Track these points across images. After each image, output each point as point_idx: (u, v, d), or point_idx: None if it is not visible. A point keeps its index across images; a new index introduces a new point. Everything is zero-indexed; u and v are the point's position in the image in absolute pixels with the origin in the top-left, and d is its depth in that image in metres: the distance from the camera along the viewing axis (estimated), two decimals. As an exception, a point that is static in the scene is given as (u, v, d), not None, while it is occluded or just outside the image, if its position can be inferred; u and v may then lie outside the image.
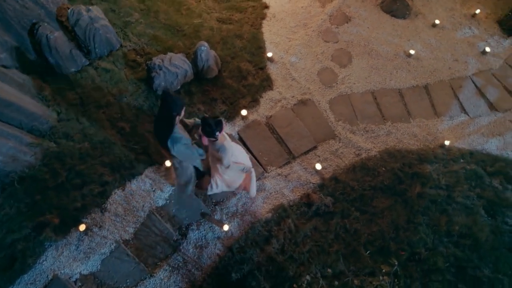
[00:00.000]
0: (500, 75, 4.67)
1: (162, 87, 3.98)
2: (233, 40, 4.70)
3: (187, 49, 4.49)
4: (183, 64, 4.07)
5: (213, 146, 2.74)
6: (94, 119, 3.83)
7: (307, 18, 5.04)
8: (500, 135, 4.22)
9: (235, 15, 4.95)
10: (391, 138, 4.13)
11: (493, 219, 3.62)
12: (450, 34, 4.96)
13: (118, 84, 4.08)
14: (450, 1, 5.25)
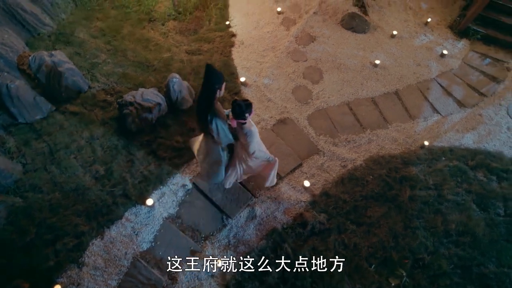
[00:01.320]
0: (460, 74, 4.95)
1: (136, 123, 3.83)
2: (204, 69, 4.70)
3: (159, 83, 4.43)
4: (155, 98, 3.98)
5: (242, 130, 2.77)
6: (65, 166, 3.58)
7: (274, 41, 5.20)
8: (473, 129, 4.37)
9: (204, 46, 5.02)
10: (373, 145, 4.15)
11: (485, 212, 3.62)
12: (408, 42, 5.27)
13: (89, 126, 3.89)
14: (403, 13, 5.64)
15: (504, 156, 4.10)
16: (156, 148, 3.85)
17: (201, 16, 5.38)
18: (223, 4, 5.58)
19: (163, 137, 3.95)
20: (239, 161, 3.19)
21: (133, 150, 3.80)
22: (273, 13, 5.56)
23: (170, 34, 5.11)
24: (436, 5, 5.80)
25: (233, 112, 2.66)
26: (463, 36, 5.33)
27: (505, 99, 4.66)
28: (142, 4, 5.38)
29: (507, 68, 5.01)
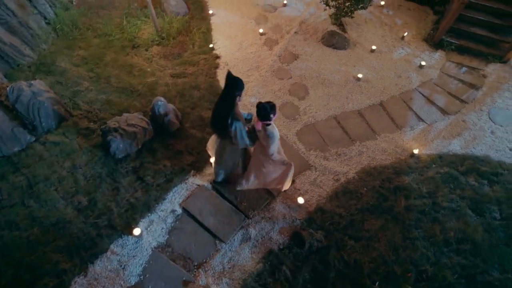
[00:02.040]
0: (440, 83, 5.11)
1: (120, 149, 3.70)
2: (190, 91, 4.69)
3: (144, 108, 4.36)
4: (140, 123, 3.89)
5: (265, 132, 2.84)
6: (44, 199, 3.37)
7: (258, 61, 5.28)
8: (459, 135, 4.43)
9: (189, 68, 5.04)
10: (364, 157, 4.13)
11: (482, 217, 3.58)
12: (388, 56, 5.45)
13: (71, 156, 3.73)
14: (379, 29, 5.89)
15: (491, 159, 4.14)
16: (143, 174, 3.70)
17: (185, 41, 5.45)
18: (206, 28, 5.69)
19: (150, 162, 3.82)
20: (255, 166, 3.29)
21: (119, 177, 3.64)
22: (255, 35, 5.70)
23: (154, 59, 5.12)
24: (410, 20, 6.09)
25: (258, 114, 2.76)
26: (438, 47, 5.57)
27: (485, 104, 4.80)
28: (125, 32, 5.43)
29: (483, 75, 5.21)
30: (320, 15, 6.00)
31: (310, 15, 6.06)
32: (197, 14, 6.00)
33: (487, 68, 5.30)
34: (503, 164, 4.09)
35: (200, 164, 3.90)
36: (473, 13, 5.50)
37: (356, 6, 5.30)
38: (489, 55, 5.38)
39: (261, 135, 2.96)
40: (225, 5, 6.31)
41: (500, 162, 4.11)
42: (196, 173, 3.83)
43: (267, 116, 2.73)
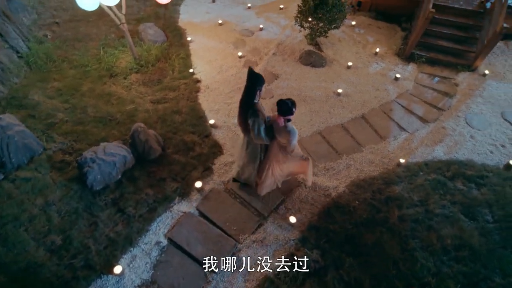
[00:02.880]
0: (416, 93, 5.28)
1: (98, 180, 3.47)
2: (172, 116, 4.59)
3: (124, 136, 4.19)
4: (120, 151, 3.70)
5: (286, 128, 2.88)
6: (12, 242, 3.05)
7: (239, 83, 5.29)
8: (441, 142, 4.51)
9: (169, 94, 4.97)
10: (352, 170, 4.09)
11: (475, 221, 3.54)
12: (364, 71, 5.63)
13: (43, 192, 3.46)
14: (353, 47, 6.13)
15: (475, 163, 4.21)
16: (124, 205, 3.47)
17: (164, 67, 5.43)
18: (185, 54, 5.73)
19: (131, 191, 3.60)
20: (273, 164, 3.28)
21: (97, 211, 3.38)
22: (234, 58, 5.78)
23: (133, 87, 5.04)
24: (381, 37, 6.41)
25: (280, 111, 2.81)
26: (410, 60, 5.83)
27: (461, 110, 4.97)
28: (102, 62, 5.36)
29: (455, 84, 5.45)
30: (296, 36, 6.21)
31: (286, 37, 6.26)
32: (176, 41, 6.06)
33: (457, 77, 5.56)
34: (487, 166, 4.15)
35: (185, 190, 3.72)
36: (438, 28, 5.87)
37: (329, 26, 5.53)
38: (458, 64, 5.67)
39: (281, 132, 2.96)
40: (203, 32, 6.44)
41: (483, 164, 4.18)
42: (182, 200, 3.64)
43: (289, 110, 2.80)
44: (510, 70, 5.70)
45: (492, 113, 4.93)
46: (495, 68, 5.70)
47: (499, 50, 6.00)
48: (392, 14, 6.73)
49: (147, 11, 6.93)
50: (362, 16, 6.88)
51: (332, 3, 5.18)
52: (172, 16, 6.83)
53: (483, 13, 5.89)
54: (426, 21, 5.37)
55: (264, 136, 2.95)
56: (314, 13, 5.31)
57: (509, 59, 5.91)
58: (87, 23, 6.40)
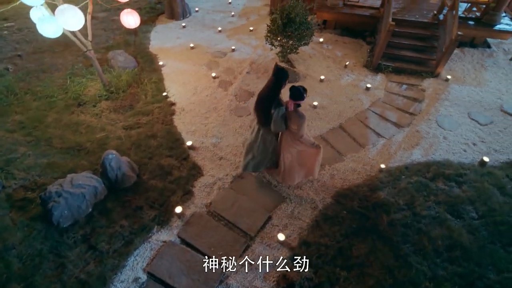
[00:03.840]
0: (388, 101, 5.46)
1: (66, 216, 3.15)
2: (147, 141, 4.38)
3: (94, 165, 3.92)
4: (90, 182, 3.42)
5: (296, 113, 3.09)
6: (-38, 298, 2.62)
7: (215, 102, 5.24)
8: (417, 145, 4.61)
9: (142, 119, 4.79)
10: (336, 179, 4.03)
11: (461, 219, 3.55)
12: (336, 83, 5.79)
13: (1, 235, 3.07)
14: (324, 62, 6.34)
15: (452, 162, 4.30)
16: (95, 241, 3.14)
17: (136, 92, 5.28)
18: (158, 78, 5.63)
19: (103, 225, 3.29)
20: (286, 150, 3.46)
21: (64, 250, 3.03)
22: (208, 79, 5.76)
23: (103, 114, 4.81)
24: (348, 51, 6.69)
25: (292, 96, 3.02)
26: (378, 71, 6.09)
27: (431, 114, 5.16)
28: (69, 91, 5.14)
29: (422, 90, 5.71)
30: (268, 55, 6.34)
31: (258, 56, 6.38)
32: (147, 66, 5.98)
33: (423, 83, 5.85)
34: (463, 164, 4.26)
35: (164, 217, 3.46)
36: (399, 39, 6.24)
37: (299, 43, 5.70)
38: (422, 72, 5.99)
39: (292, 117, 3.15)
40: (175, 56, 6.42)
41: (460, 163, 4.28)
42: (161, 228, 3.37)
43: (300, 95, 3.00)
44: (469, 74, 6.09)
45: (459, 114, 5.16)
46: (455, 73, 6.07)
47: (456, 56, 6.44)
48: (356, 30, 7.10)
49: (116, 39, 6.86)
50: (328, 33, 7.21)
51: (300, 21, 5.38)
52: (143, 42, 6.79)
53: (437, 24, 6.36)
54: (388, 33, 5.69)
55: (282, 125, 3.17)
56: (283, 32, 5.47)
57: (467, 64, 6.33)
58: (52, 54, 6.20)
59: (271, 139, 3.48)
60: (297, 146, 3.40)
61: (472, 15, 6.71)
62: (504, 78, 6.00)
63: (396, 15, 6.40)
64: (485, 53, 6.63)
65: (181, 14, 7.94)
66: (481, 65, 6.32)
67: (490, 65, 6.33)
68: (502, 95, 5.58)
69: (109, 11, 8.02)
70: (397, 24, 5.78)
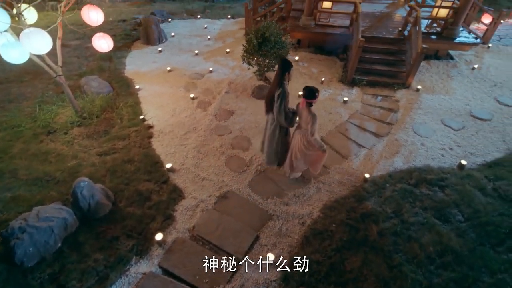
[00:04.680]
0: (365, 112, 5.59)
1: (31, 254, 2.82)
2: (123, 166, 4.16)
3: (65, 196, 3.63)
4: (59, 214, 3.14)
5: (308, 113, 3.32)
6: None
7: (195, 123, 5.13)
8: (398, 153, 4.68)
9: (118, 143, 4.58)
10: (323, 192, 3.96)
11: (449, 223, 3.54)
12: (314, 98, 5.88)
13: (-47, 282, 2.69)
14: (301, 78, 6.48)
15: (432, 167, 4.37)
16: (65, 280, 2.82)
17: (111, 117, 5.09)
18: (134, 102, 5.49)
19: (74, 261, 2.98)
20: (296, 151, 3.68)
21: (28, 294, 2.68)
22: (187, 100, 5.69)
23: (76, 141, 4.56)
24: (323, 68, 6.91)
25: (305, 96, 3.27)
26: (353, 85, 6.28)
27: (407, 122, 5.32)
28: (38, 120, 4.87)
29: (396, 100, 5.92)
30: (245, 74, 6.41)
31: (236, 76, 6.43)
32: (123, 91, 5.84)
33: (396, 94, 6.08)
34: (443, 169, 4.34)
35: (143, 246, 3.20)
36: (370, 55, 6.54)
37: (275, 61, 5.81)
38: (394, 84, 6.25)
39: (303, 116, 3.40)
40: (151, 79, 6.35)
41: (440, 168, 4.36)
42: (140, 259, 3.10)
43: (313, 94, 3.23)
44: (437, 84, 6.42)
45: (433, 121, 5.35)
46: (425, 84, 6.38)
47: (424, 68, 6.81)
48: (329, 48, 7.40)
49: (90, 66, 6.72)
50: (303, 52, 7.46)
51: (274, 41, 5.52)
52: (118, 68, 6.69)
53: (403, 39, 6.76)
54: (359, 49, 5.95)
55: (284, 112, 3.43)
56: (259, 51, 5.58)
57: (434, 75, 6.70)
58: (20, 83, 5.95)
59: (279, 132, 3.70)
60: (307, 150, 3.61)
61: (434, 30, 7.21)
62: (470, 86, 6.36)
63: (365, 32, 6.75)
64: (449, 64, 7.07)
65: (156, 40, 7.98)
66: (447, 75, 6.70)
67: (455, 75, 6.73)
68: (469, 101, 5.89)
69: (82, 39, 7.95)
70: (367, 40, 6.08)
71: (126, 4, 11.68)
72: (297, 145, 3.64)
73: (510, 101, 5.89)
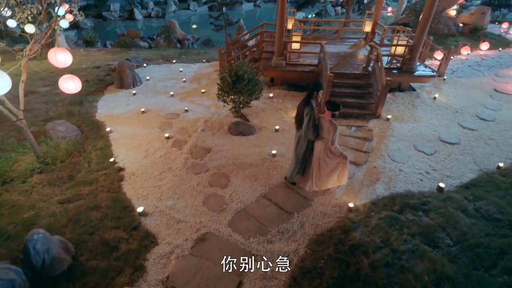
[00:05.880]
0: (341, 142, 5.61)
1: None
2: (88, 214, 3.76)
3: (16, 252, 3.13)
4: (5, 275, 2.66)
5: (331, 123, 3.70)
6: None
7: (170, 162, 4.91)
8: (378, 180, 4.65)
9: (84, 189, 4.21)
10: (307, 226, 3.74)
11: (439, 249, 3.40)
12: (291, 132, 5.83)
13: None
14: (276, 114, 6.59)
15: (413, 192, 4.35)
16: None
17: (78, 161, 4.75)
18: (104, 145, 5.23)
19: None
20: (318, 162, 4.08)
21: None
22: (161, 140, 5.51)
23: (35, 190, 4.14)
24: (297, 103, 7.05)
25: (328, 107, 3.69)
26: (327, 117, 6.45)
27: (383, 150, 5.42)
28: (-7, 169, 4.41)
29: (369, 130, 6.09)
30: (221, 112, 6.42)
31: (212, 114, 6.42)
32: (93, 134, 5.58)
33: (369, 124, 6.29)
34: (424, 193, 4.33)
35: (107, 307, 2.73)
36: (340, 89, 6.88)
37: (250, 98, 5.91)
38: (365, 114, 6.50)
39: (325, 126, 3.80)
40: (124, 121, 6.17)
41: (420, 192, 4.35)
42: (102, 324, 2.61)
43: (336, 107, 3.68)
44: (405, 113, 6.76)
45: (407, 148, 5.49)
46: (393, 113, 6.70)
47: (390, 100, 7.21)
48: (301, 84, 7.73)
49: (58, 111, 6.47)
50: (277, 89, 7.73)
51: (248, 78, 5.67)
52: (88, 111, 6.50)
53: (368, 74, 7.23)
54: (329, 84, 6.24)
55: (312, 127, 3.80)
56: (233, 88, 5.67)
57: (400, 105, 7.09)
58: (-23, 131, 5.52)
59: (303, 144, 4.04)
60: (330, 160, 4.00)
61: (394, 66, 7.83)
62: (434, 114, 6.76)
63: (333, 69, 7.17)
64: (412, 95, 7.57)
65: (131, 83, 7.98)
66: (412, 105, 7.12)
67: (419, 104, 7.17)
68: (436, 127, 6.19)
69: (52, 85, 7.77)
70: (335, 76, 6.43)
71: (101, 52, 11.87)
72: (320, 155, 4.02)
73: (472, 125, 6.26)
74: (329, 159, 4.01)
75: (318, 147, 3.99)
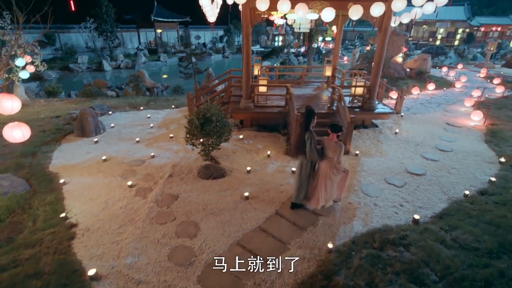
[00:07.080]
0: (315, 180, 5.58)
1: None
2: (25, 284, 3.14)
3: None
4: None
5: (336, 144, 4.17)
6: None
7: (131, 214, 4.43)
8: (354, 216, 4.51)
9: (24, 253, 3.57)
10: (286, 275, 3.39)
11: (425, 286, 3.19)
12: (263, 172, 5.78)
13: None
14: (247, 155, 6.47)
15: (390, 226, 4.24)
16: None
17: (20, 220, 4.12)
18: (55, 198, 4.66)
19: None
20: (324, 180, 4.31)
21: None
22: (123, 189, 5.06)
23: (-41, 259, 3.41)
24: (268, 143, 7.11)
25: (332, 130, 4.15)
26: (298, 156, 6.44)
27: (356, 185, 5.39)
28: None
29: (340, 166, 6.14)
30: (190, 156, 6.17)
31: (180, 158, 6.15)
32: (43, 187, 4.99)
33: (339, 160, 6.35)
34: (401, 226, 4.24)
35: None
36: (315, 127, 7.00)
37: (219, 140, 5.79)
38: (335, 151, 6.60)
39: (332, 146, 4.17)
40: (82, 171, 5.66)
41: (397, 225, 4.25)
42: None
43: (340, 128, 4.16)
44: (371, 148, 6.99)
45: (378, 181, 5.53)
46: (361, 149, 6.89)
47: (357, 136, 7.49)
48: (270, 125, 7.84)
49: (5, 164, 5.81)
50: (247, 130, 7.73)
51: (216, 120, 5.61)
52: (41, 163, 5.91)
53: (333, 113, 7.55)
54: (297, 123, 6.36)
55: (315, 149, 4.11)
56: (202, 131, 5.54)
57: (366, 141, 7.35)
58: None
59: (306, 167, 4.31)
60: (335, 176, 4.30)
61: (356, 105, 8.30)
62: (398, 147, 7.06)
63: (300, 109, 7.38)
64: (376, 131, 7.94)
65: (93, 131, 7.57)
66: (377, 140, 7.42)
67: (383, 139, 7.49)
68: (402, 160, 6.41)
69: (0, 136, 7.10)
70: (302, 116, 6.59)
71: (63, 102, 11.43)
72: (326, 174, 4.27)
73: (434, 157, 6.57)
74: (334, 175, 4.30)
75: (324, 166, 4.28)
